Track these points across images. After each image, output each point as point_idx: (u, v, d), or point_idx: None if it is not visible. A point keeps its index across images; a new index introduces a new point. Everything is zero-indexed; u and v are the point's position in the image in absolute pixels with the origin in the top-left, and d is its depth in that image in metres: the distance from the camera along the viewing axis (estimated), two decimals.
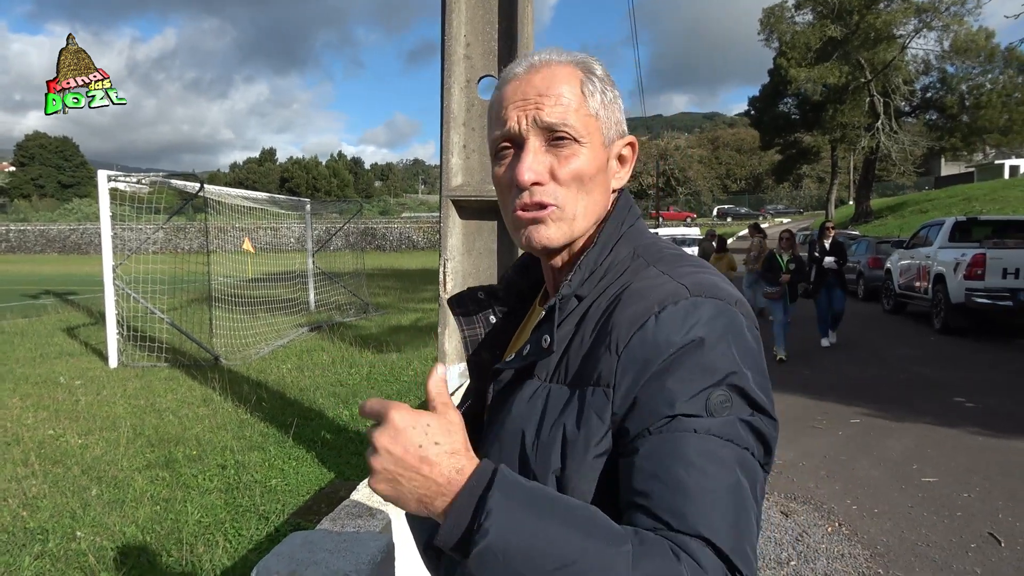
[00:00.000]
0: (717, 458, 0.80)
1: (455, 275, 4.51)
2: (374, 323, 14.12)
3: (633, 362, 0.85)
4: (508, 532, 0.73)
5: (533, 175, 0.96)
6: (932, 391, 7.95)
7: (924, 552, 4.08)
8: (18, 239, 55.28)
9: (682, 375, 0.83)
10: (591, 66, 1.03)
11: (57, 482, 5.17)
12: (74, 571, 3.85)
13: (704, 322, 0.86)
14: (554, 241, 0.99)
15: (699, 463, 0.79)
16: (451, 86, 4.35)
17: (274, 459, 5.66)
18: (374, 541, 1.91)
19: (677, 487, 0.78)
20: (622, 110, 1.05)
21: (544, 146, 0.98)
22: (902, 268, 14.18)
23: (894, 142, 39.69)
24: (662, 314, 0.87)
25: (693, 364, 0.84)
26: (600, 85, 1.01)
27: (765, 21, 42.54)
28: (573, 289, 0.97)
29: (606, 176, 1.03)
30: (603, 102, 1.01)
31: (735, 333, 0.87)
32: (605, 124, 1.01)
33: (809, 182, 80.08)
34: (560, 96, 0.98)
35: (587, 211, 1.00)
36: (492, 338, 1.13)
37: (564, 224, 0.99)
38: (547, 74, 1.00)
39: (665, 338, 0.85)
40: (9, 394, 7.92)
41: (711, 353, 0.84)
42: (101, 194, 10.02)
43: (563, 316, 0.97)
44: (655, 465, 0.81)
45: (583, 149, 0.98)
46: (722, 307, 0.88)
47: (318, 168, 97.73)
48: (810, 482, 5.29)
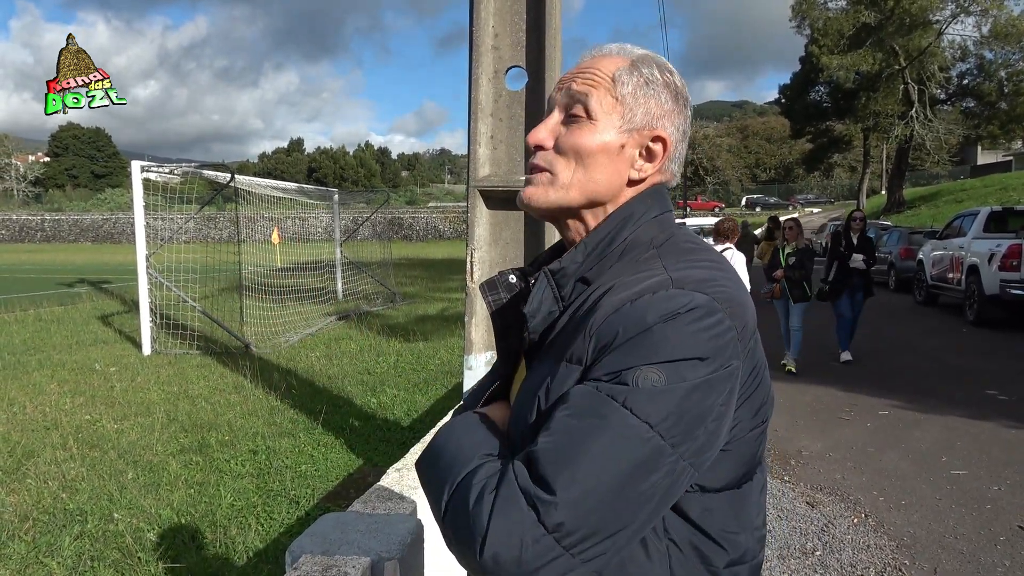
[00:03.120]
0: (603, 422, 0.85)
1: (482, 264, 4.54)
2: (401, 312, 14.23)
3: (599, 341, 0.90)
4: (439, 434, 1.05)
5: (534, 139, 1.06)
6: (963, 383, 7.85)
7: (952, 544, 4.06)
8: (52, 228, 56.42)
9: (626, 351, 0.87)
10: (644, 62, 1.06)
11: (95, 465, 5.31)
12: (112, 551, 3.96)
13: (670, 311, 0.88)
14: (536, 200, 1.06)
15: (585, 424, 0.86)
16: (479, 77, 4.37)
17: (304, 445, 5.76)
18: (404, 523, 1.96)
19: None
20: (669, 111, 1.06)
21: (563, 118, 1.06)
22: (934, 259, 13.96)
23: (928, 130, 38.94)
24: (637, 302, 0.90)
25: (640, 344, 0.87)
26: (640, 78, 1.04)
27: (797, 7, 41.79)
28: (562, 265, 1.02)
29: (615, 160, 1.04)
30: (635, 92, 1.04)
31: (696, 327, 0.88)
32: (628, 111, 1.04)
33: (840, 171, 78.85)
34: (591, 77, 1.04)
35: (582, 186, 1.04)
36: (520, 323, 1.15)
37: (552, 190, 1.05)
38: (596, 60, 1.07)
39: (632, 322, 0.88)
40: (47, 380, 8.13)
41: (659, 337, 0.87)
42: (135, 184, 10.20)
43: (570, 296, 1.02)
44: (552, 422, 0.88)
45: (591, 125, 1.03)
46: (700, 300, 0.89)
47: (345, 158, 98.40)
48: (837, 473, 5.26)
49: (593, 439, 0.84)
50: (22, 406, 6.98)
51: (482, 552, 0.82)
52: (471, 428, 1.03)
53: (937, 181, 56.94)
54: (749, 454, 1.01)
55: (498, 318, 1.15)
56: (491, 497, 0.85)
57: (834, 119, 47.19)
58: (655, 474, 0.84)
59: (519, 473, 0.85)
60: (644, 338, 0.87)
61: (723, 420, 0.90)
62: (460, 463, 0.94)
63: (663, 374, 0.85)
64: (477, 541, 0.83)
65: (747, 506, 1.03)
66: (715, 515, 0.98)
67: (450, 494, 0.91)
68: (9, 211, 62.05)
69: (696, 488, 0.96)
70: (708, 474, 0.95)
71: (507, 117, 4.46)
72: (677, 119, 1.07)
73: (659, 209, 1.07)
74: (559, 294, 1.03)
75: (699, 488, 0.96)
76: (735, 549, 1.00)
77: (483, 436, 1.00)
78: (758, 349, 0.99)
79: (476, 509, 0.85)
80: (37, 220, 57.36)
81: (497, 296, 1.15)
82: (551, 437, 0.86)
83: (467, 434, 1.01)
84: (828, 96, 46.65)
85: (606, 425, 0.84)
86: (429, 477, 1.00)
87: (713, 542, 0.99)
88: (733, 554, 1.00)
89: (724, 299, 0.91)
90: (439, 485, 0.95)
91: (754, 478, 1.04)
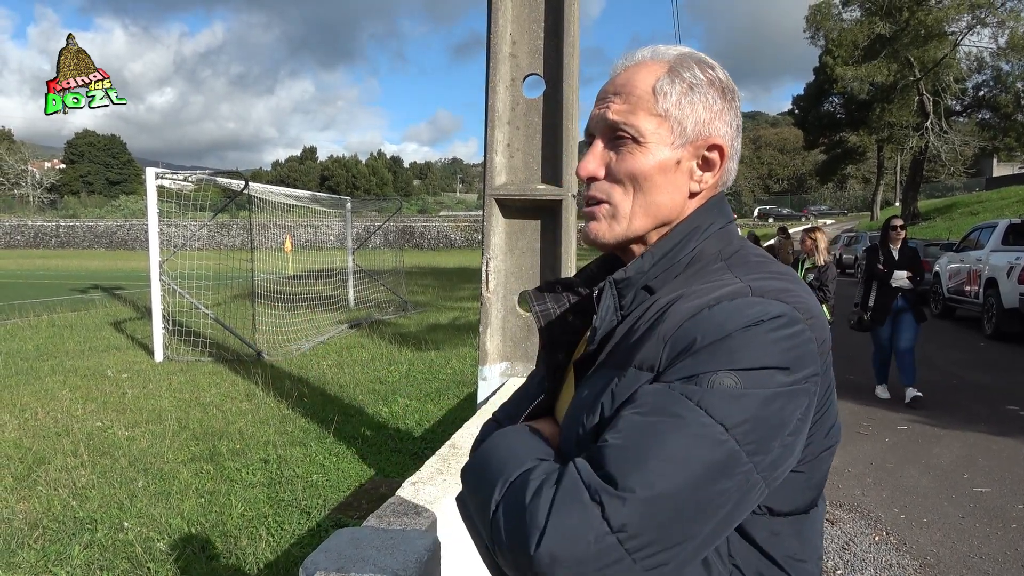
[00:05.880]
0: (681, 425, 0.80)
1: (497, 274, 4.50)
2: (413, 321, 14.20)
3: (674, 348, 0.85)
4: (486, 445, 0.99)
5: (585, 171, 1.01)
6: (983, 398, 7.73)
7: (977, 564, 3.96)
8: (67, 234, 56.89)
9: (704, 357, 0.83)
10: (682, 64, 1.01)
11: (105, 473, 5.29)
12: (121, 561, 3.92)
13: (752, 318, 0.84)
14: (603, 236, 1.01)
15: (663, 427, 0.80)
16: (496, 84, 4.33)
17: (315, 454, 5.71)
18: (420, 539, 1.91)
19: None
20: (719, 111, 1.01)
21: (607, 143, 1.01)
22: (951, 271, 13.82)
23: (944, 142, 38.71)
24: (715, 308, 0.86)
25: (719, 350, 0.82)
26: (683, 85, 0.99)
27: (811, 18, 41.71)
28: (628, 275, 0.98)
29: (674, 177, 1.00)
30: (680, 102, 0.98)
31: (778, 335, 0.84)
32: (677, 124, 0.98)
33: (854, 183, 78.57)
34: (630, 96, 0.99)
35: (645, 211, 0.99)
36: (569, 337, 1.10)
37: (616, 222, 1.00)
38: (630, 73, 1.01)
39: (710, 328, 0.84)
40: (59, 386, 8.13)
41: (739, 344, 0.82)
42: (149, 191, 10.23)
43: (630, 305, 0.97)
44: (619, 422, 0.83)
45: (641, 149, 0.98)
46: (782, 309, 0.85)
47: (358, 166, 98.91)
48: (856, 489, 5.17)
49: (665, 438, 0.78)
50: (34, 412, 6.98)
51: (538, 548, 0.76)
52: (523, 436, 0.97)
53: (952, 193, 56.61)
54: (819, 477, 0.96)
55: (546, 331, 1.10)
56: (551, 492, 0.79)
57: (848, 130, 47.03)
58: (728, 481, 0.79)
59: (583, 469, 0.80)
60: (723, 344, 0.82)
61: (799, 435, 0.85)
62: (514, 464, 0.89)
63: (740, 380, 0.81)
64: (533, 537, 0.76)
65: (813, 533, 0.98)
66: (782, 540, 0.93)
67: (503, 492, 0.85)
68: (25, 217, 62.66)
69: (764, 510, 0.91)
70: (778, 495, 0.89)
71: (524, 125, 4.43)
72: (728, 116, 1.02)
73: (723, 220, 1.03)
74: (619, 303, 0.98)
75: (767, 510, 0.91)
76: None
77: (536, 443, 0.95)
78: (831, 367, 0.94)
79: (533, 504, 0.79)
80: (52, 226, 57.84)
81: (545, 308, 1.10)
82: (619, 434, 0.81)
83: (519, 441, 0.96)
84: (842, 107, 46.55)
85: (680, 424, 0.79)
86: (477, 480, 0.94)
87: (780, 568, 0.93)
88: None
89: (804, 310, 0.87)
90: (489, 486, 0.88)
91: (819, 504, 0.99)
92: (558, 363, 1.10)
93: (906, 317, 7.42)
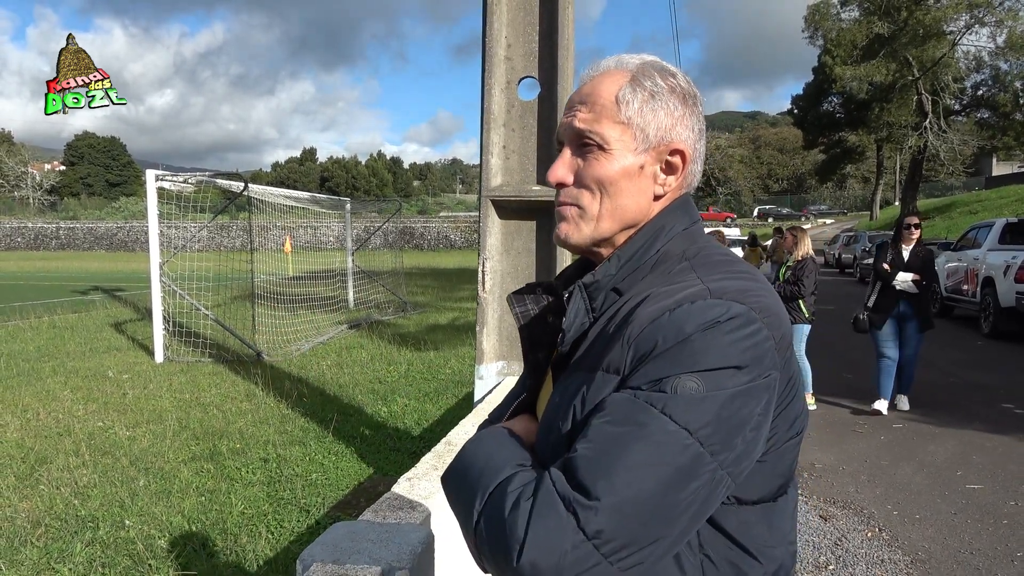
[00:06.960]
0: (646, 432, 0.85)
1: (494, 274, 4.54)
2: (412, 321, 14.25)
3: (637, 351, 0.89)
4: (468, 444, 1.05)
5: (554, 177, 1.07)
6: (979, 397, 7.77)
7: (967, 560, 4.01)
8: (67, 236, 56.91)
9: (666, 360, 0.87)
10: (644, 73, 1.05)
11: (106, 472, 5.33)
12: (123, 558, 3.97)
13: (710, 319, 0.88)
14: (572, 237, 1.06)
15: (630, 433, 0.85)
16: (492, 87, 4.39)
17: (314, 454, 5.76)
18: (415, 532, 1.96)
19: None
20: (680, 117, 1.05)
21: (575, 150, 1.06)
22: (949, 271, 13.86)
23: (943, 141, 38.72)
24: (676, 311, 0.89)
25: (680, 353, 0.87)
26: (644, 93, 1.03)
27: (810, 18, 41.72)
28: (596, 278, 1.03)
29: (638, 181, 1.04)
30: (642, 109, 1.03)
31: (735, 336, 0.88)
32: (640, 131, 1.03)
33: (853, 182, 78.53)
34: (594, 104, 1.04)
35: (612, 214, 1.04)
36: (548, 337, 1.14)
37: (584, 224, 1.05)
38: (596, 83, 1.06)
39: (671, 332, 0.88)
40: (61, 387, 8.18)
41: (699, 346, 0.87)
42: (149, 193, 10.27)
43: (601, 307, 1.02)
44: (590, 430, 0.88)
45: (607, 155, 1.03)
46: (738, 310, 0.89)
47: (357, 168, 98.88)
48: (850, 486, 5.21)
49: (632, 446, 0.83)
50: (36, 412, 7.03)
51: (519, 559, 0.81)
52: (500, 440, 1.03)
53: (951, 192, 56.60)
54: (784, 466, 1.01)
55: (526, 331, 1.15)
56: (528, 504, 0.84)
57: (847, 130, 47.06)
58: (695, 481, 0.84)
59: (557, 480, 0.85)
60: (683, 347, 0.87)
61: (761, 430, 0.90)
62: (491, 473, 0.94)
63: (702, 382, 0.85)
64: (514, 549, 0.82)
65: (782, 519, 1.02)
66: (751, 528, 0.98)
67: (483, 503, 0.90)
68: (25, 219, 62.69)
69: (732, 500, 0.96)
70: (745, 486, 0.94)
71: (520, 127, 4.47)
72: (690, 121, 1.06)
73: (688, 221, 1.07)
74: (590, 306, 1.03)
75: (735, 500, 0.96)
76: (771, 562, 1.00)
77: (513, 448, 1.00)
78: (792, 361, 0.99)
79: (512, 516, 0.84)
80: (52, 228, 57.87)
81: (525, 309, 1.15)
82: (589, 444, 0.86)
83: (496, 446, 1.01)
84: (841, 107, 46.58)
85: (645, 432, 0.84)
86: (458, 489, 0.99)
87: (749, 555, 0.98)
88: (768, 567, 1.00)
89: (761, 309, 0.91)
90: (469, 496, 0.93)
91: (788, 492, 1.04)
92: (538, 362, 1.14)
93: (911, 325, 7.03)
